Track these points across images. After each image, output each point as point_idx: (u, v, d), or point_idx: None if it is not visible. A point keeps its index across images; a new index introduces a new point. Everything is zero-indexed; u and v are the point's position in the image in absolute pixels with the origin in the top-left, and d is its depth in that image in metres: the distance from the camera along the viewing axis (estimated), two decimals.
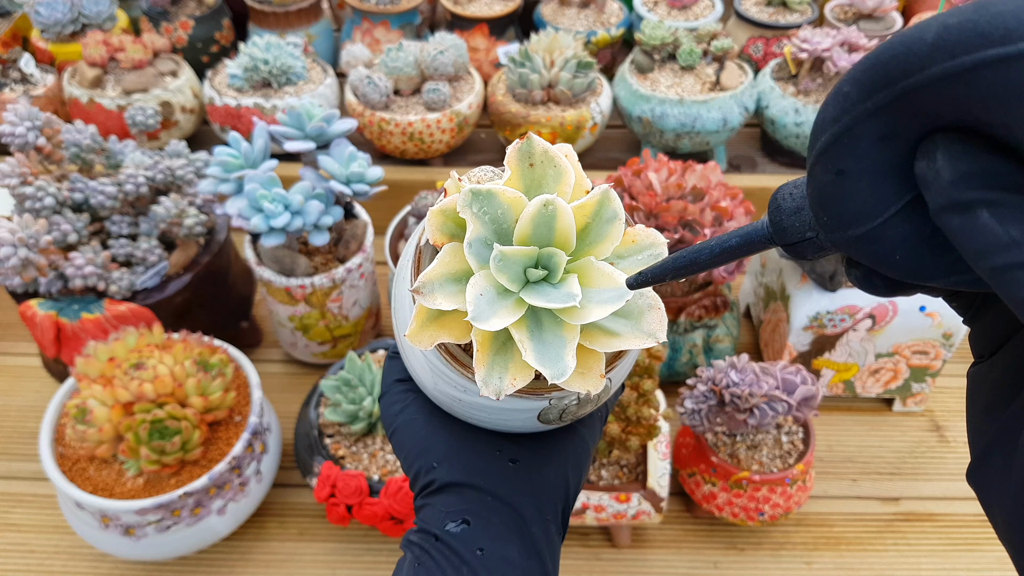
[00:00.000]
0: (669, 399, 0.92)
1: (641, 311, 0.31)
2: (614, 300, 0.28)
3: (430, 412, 0.37)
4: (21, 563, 0.81)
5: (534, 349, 0.29)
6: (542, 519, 0.35)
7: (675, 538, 0.84)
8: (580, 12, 1.35)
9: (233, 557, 0.81)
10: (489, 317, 0.28)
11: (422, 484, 0.36)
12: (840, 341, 0.87)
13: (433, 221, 0.30)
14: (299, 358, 0.98)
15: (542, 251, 0.29)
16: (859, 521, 0.85)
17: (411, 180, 1.12)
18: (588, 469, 0.38)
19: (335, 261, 0.89)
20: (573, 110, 1.09)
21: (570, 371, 0.28)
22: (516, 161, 0.30)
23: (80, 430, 0.70)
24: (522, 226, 0.29)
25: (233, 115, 1.11)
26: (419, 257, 0.33)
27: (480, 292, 0.28)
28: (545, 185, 0.30)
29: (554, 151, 0.30)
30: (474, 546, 0.34)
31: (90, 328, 0.81)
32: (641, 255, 0.31)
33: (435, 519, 0.35)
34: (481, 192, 0.28)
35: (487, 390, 0.29)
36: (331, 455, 0.79)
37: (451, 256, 0.29)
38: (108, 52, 1.12)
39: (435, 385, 0.34)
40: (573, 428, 0.38)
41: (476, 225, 0.28)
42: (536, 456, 0.36)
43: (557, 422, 0.35)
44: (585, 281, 0.29)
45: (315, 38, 1.34)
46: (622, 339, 0.30)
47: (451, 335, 0.30)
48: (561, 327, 0.29)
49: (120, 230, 0.84)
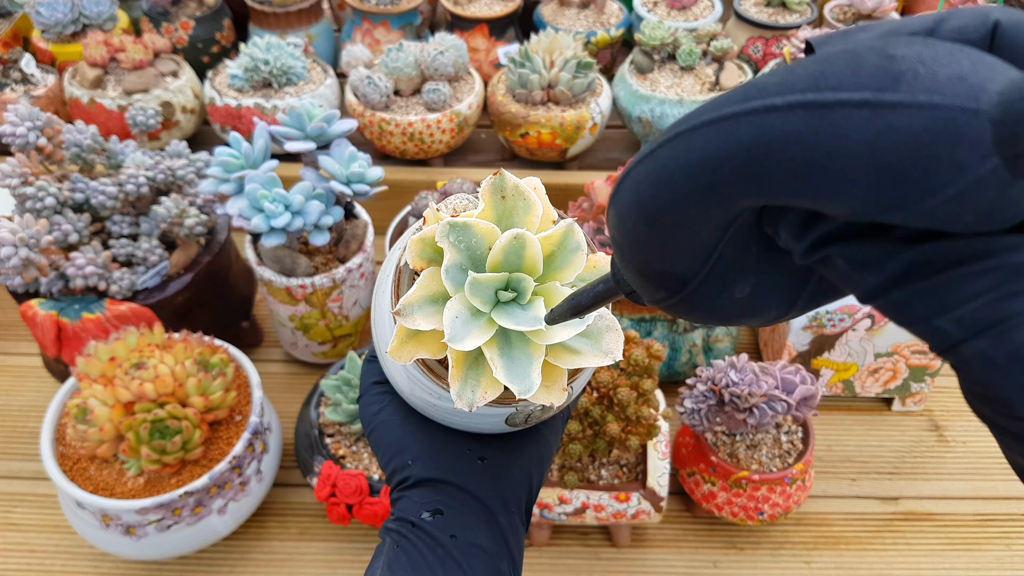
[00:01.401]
0: (669, 399, 0.92)
1: (600, 332, 0.34)
2: (576, 324, 0.32)
3: (406, 413, 0.40)
4: (22, 562, 0.81)
5: (503, 366, 0.32)
6: (508, 511, 0.39)
7: (675, 537, 0.84)
8: (580, 12, 1.36)
9: (234, 557, 0.82)
10: (464, 338, 0.31)
11: (398, 480, 0.39)
12: (839, 341, 0.87)
13: (413, 248, 0.33)
14: (299, 358, 0.98)
15: (512, 275, 0.32)
16: (858, 520, 0.86)
17: (411, 180, 1.12)
18: (550, 465, 0.42)
19: (335, 261, 0.89)
20: (573, 110, 1.09)
21: (536, 387, 0.32)
22: (489, 194, 0.33)
23: (81, 430, 0.70)
24: (494, 255, 0.32)
25: (234, 115, 1.11)
26: (399, 276, 0.36)
27: (456, 315, 0.31)
28: (516, 215, 0.33)
29: (524, 186, 0.33)
30: (447, 532, 0.37)
31: (91, 328, 0.81)
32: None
33: (411, 509, 0.38)
34: (458, 224, 0.31)
35: (460, 403, 0.32)
36: (331, 455, 0.79)
37: (429, 280, 0.32)
38: (109, 52, 1.12)
39: (412, 391, 0.37)
40: (537, 429, 0.41)
41: (452, 253, 0.32)
42: (503, 455, 0.39)
43: (523, 425, 0.38)
44: (551, 303, 0.33)
45: (315, 38, 1.34)
46: (583, 357, 0.33)
47: (428, 351, 0.33)
48: (528, 346, 0.33)
49: (121, 230, 0.84)
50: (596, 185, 0.87)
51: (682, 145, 0.19)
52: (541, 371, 0.32)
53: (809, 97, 0.17)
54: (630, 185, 0.21)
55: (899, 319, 0.20)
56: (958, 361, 0.19)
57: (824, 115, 0.17)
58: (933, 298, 0.19)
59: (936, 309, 0.19)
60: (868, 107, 0.16)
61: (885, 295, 0.20)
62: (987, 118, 0.16)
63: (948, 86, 0.16)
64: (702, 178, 0.19)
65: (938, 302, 0.19)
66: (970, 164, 0.16)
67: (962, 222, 0.17)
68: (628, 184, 0.21)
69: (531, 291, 0.33)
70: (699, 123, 0.19)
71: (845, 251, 0.20)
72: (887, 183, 0.17)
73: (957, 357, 0.19)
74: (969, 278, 0.18)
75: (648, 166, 0.20)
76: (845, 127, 0.16)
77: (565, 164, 1.18)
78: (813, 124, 0.17)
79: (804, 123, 0.17)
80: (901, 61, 0.17)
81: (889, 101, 0.16)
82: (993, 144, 0.16)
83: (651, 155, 0.20)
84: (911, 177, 0.16)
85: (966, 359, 0.19)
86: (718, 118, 0.18)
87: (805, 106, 0.17)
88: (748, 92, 0.18)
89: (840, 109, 0.17)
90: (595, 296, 0.29)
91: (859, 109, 0.16)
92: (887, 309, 0.20)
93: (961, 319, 0.19)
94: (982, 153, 0.16)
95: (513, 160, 1.21)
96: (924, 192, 0.16)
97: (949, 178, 0.16)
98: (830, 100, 0.17)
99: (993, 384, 0.19)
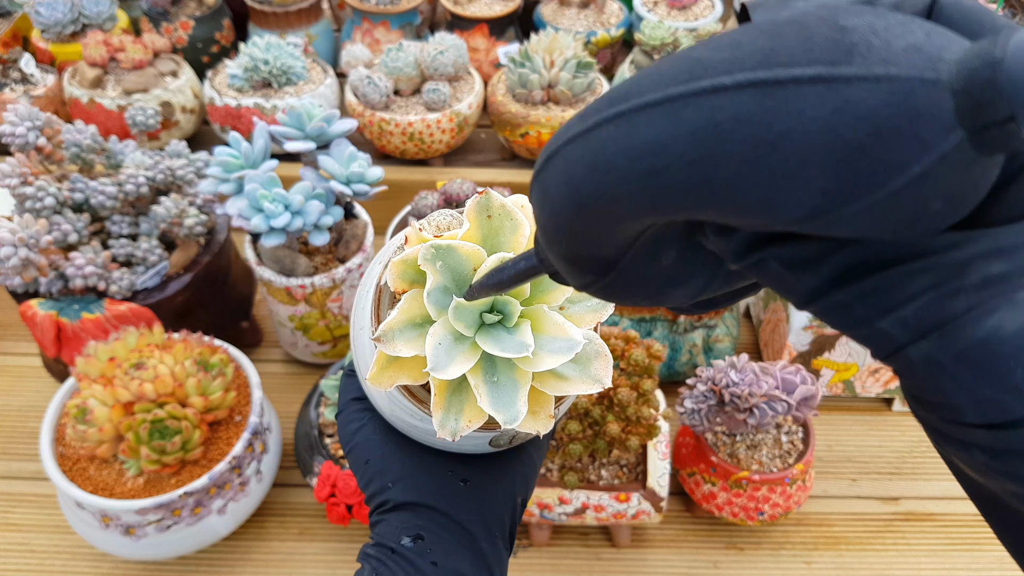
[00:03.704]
0: (669, 399, 0.92)
1: (589, 358, 0.33)
2: (566, 351, 0.31)
3: (385, 432, 0.39)
4: (22, 563, 0.81)
5: (488, 394, 0.30)
6: (490, 535, 0.37)
7: (675, 538, 0.84)
8: (580, 12, 1.36)
9: (233, 557, 0.81)
10: (447, 366, 0.30)
11: (378, 502, 0.38)
12: (840, 341, 0.87)
13: (395, 270, 0.31)
14: (299, 358, 0.98)
15: (497, 299, 0.31)
16: (859, 521, 0.86)
17: (411, 180, 1.12)
18: (534, 484, 0.40)
19: (335, 261, 0.89)
20: (573, 110, 1.09)
21: (522, 416, 0.30)
22: (475, 214, 0.31)
23: (80, 430, 0.70)
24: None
25: (233, 115, 1.11)
26: (379, 296, 0.34)
27: (439, 342, 0.30)
28: (502, 235, 0.32)
29: (510, 205, 0.32)
30: (428, 559, 0.35)
31: (90, 328, 0.81)
32: (591, 301, 0.34)
33: (391, 534, 0.36)
34: (442, 247, 0.30)
35: (443, 432, 0.31)
36: (331, 455, 0.79)
37: (411, 303, 0.31)
38: (108, 52, 1.12)
39: (392, 412, 0.36)
40: (522, 448, 0.39)
41: (436, 277, 0.30)
42: (485, 476, 0.38)
43: (507, 445, 0.37)
44: (537, 327, 0.31)
45: (315, 38, 1.34)
46: (571, 384, 0.32)
47: (410, 377, 0.32)
48: (515, 372, 0.31)
49: (120, 230, 0.84)
50: None
51: (624, 127, 0.17)
52: (527, 399, 0.31)
53: (760, 75, 0.16)
54: (561, 164, 0.19)
55: (840, 323, 0.19)
56: (903, 366, 0.19)
57: (777, 93, 0.15)
58: (874, 298, 0.18)
59: (878, 310, 0.18)
60: (822, 82, 0.15)
61: (824, 297, 0.19)
62: (947, 88, 0.15)
63: (904, 57, 0.15)
64: (643, 165, 0.17)
65: (879, 302, 0.18)
66: (933, 139, 0.15)
67: (930, 211, 0.16)
68: (559, 162, 0.19)
69: (517, 315, 0.31)
70: (642, 103, 0.17)
71: (779, 252, 0.19)
72: (847, 165, 0.15)
73: (902, 361, 0.18)
74: (909, 276, 0.18)
75: (583, 146, 0.18)
76: (799, 104, 0.15)
77: None
78: (765, 104, 0.15)
79: (756, 103, 0.15)
80: (853, 32, 0.15)
81: (844, 75, 0.15)
82: (955, 116, 0.15)
83: (587, 134, 0.18)
84: (873, 155, 0.15)
85: (912, 362, 0.18)
86: (663, 99, 0.17)
87: (756, 84, 0.16)
88: (693, 69, 0.16)
89: (793, 86, 0.15)
90: (516, 273, 0.27)
91: (812, 85, 0.15)
92: (827, 313, 0.19)
93: (904, 320, 0.18)
94: (945, 126, 0.15)
95: (513, 160, 1.21)
96: (888, 172, 0.15)
97: (913, 154, 0.15)
98: (782, 77, 0.15)
99: (939, 389, 0.18)
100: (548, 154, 0.19)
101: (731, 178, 0.16)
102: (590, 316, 0.34)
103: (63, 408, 0.77)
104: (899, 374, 0.19)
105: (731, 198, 0.16)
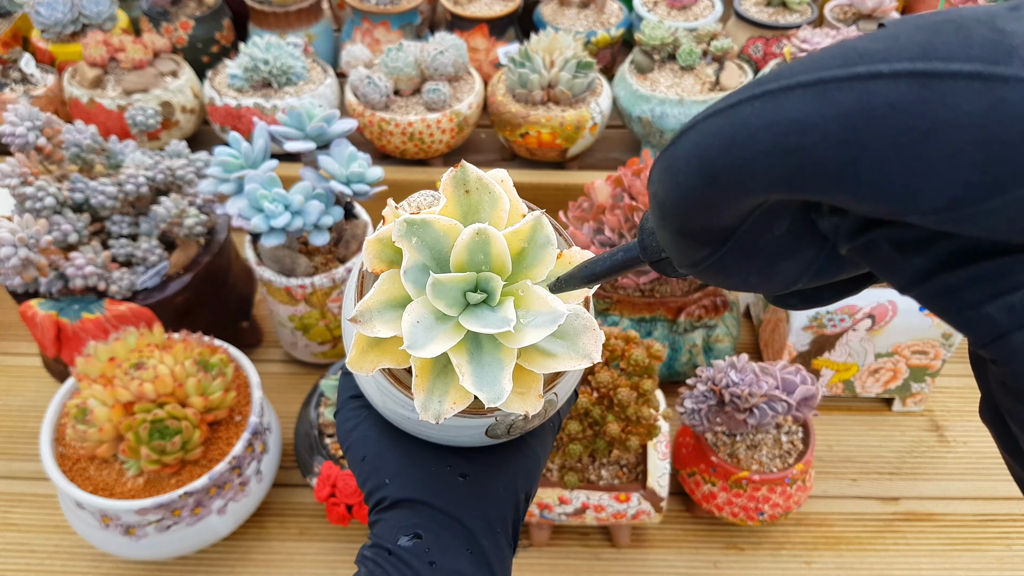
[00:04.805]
0: (669, 399, 0.92)
1: (577, 332, 0.31)
2: (549, 323, 0.29)
3: (382, 428, 0.38)
4: (21, 563, 0.81)
5: (472, 373, 0.29)
6: (492, 532, 0.36)
7: (675, 538, 0.84)
8: (580, 12, 1.36)
9: (233, 557, 0.81)
10: (425, 344, 0.28)
11: (375, 500, 0.37)
12: (840, 341, 0.87)
13: (370, 249, 0.30)
14: (299, 358, 0.98)
15: (480, 275, 0.30)
16: (859, 521, 0.86)
17: (411, 180, 1.12)
18: (539, 479, 0.39)
19: (335, 261, 0.89)
20: (573, 110, 1.09)
21: (506, 395, 0.29)
22: (452, 188, 0.30)
23: (80, 430, 0.70)
24: (457, 253, 0.29)
25: (233, 115, 1.11)
26: (362, 281, 0.33)
27: (417, 319, 0.29)
28: (481, 211, 0.31)
29: (488, 178, 0.31)
30: (426, 559, 0.35)
31: (90, 328, 0.81)
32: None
33: (388, 534, 0.36)
34: (416, 222, 0.29)
35: (426, 415, 0.30)
36: (331, 455, 0.79)
37: (389, 283, 0.30)
38: (108, 52, 1.12)
39: (384, 403, 0.35)
40: (523, 440, 0.39)
41: (412, 253, 0.29)
42: (486, 470, 0.37)
43: (505, 436, 0.36)
44: (521, 304, 0.30)
45: (315, 38, 1.34)
46: (559, 360, 0.31)
47: (393, 360, 0.31)
48: (499, 350, 0.30)
49: (120, 230, 0.84)
50: (596, 185, 0.87)
51: (771, 104, 0.18)
52: (513, 377, 0.30)
53: (919, 66, 0.16)
54: (697, 136, 0.19)
55: (944, 305, 0.19)
56: (1005, 352, 0.19)
57: (934, 85, 0.16)
58: (984, 283, 0.18)
59: (986, 294, 0.18)
60: (980, 79, 0.16)
61: (933, 279, 0.19)
62: None
63: None
64: (789, 142, 0.17)
65: (988, 287, 0.18)
66: None
67: None
68: (694, 135, 0.19)
69: (500, 292, 0.30)
70: (793, 83, 0.17)
71: (891, 233, 0.19)
72: (995, 160, 0.16)
73: (1005, 347, 0.18)
74: (1020, 264, 0.18)
75: (724, 120, 0.18)
76: (955, 98, 0.16)
77: (565, 164, 1.18)
78: (922, 94, 0.16)
79: (912, 92, 0.16)
80: (1012, 36, 0.16)
81: (1002, 75, 0.16)
82: None
83: (729, 109, 0.18)
84: (1022, 153, 0.16)
85: (1015, 349, 0.18)
86: (816, 80, 0.17)
87: (914, 75, 0.16)
88: (848, 57, 0.17)
89: (951, 80, 0.16)
90: (612, 265, 0.27)
91: (970, 81, 0.16)
92: (932, 296, 0.19)
93: (1012, 306, 0.18)
94: None
95: (513, 160, 1.21)
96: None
97: None
98: (940, 70, 0.16)
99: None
100: (684, 128, 0.20)
101: (877, 162, 0.17)
102: (577, 292, 0.32)
103: (63, 408, 0.77)
104: (995, 362, 0.19)
105: (872, 181, 0.17)
